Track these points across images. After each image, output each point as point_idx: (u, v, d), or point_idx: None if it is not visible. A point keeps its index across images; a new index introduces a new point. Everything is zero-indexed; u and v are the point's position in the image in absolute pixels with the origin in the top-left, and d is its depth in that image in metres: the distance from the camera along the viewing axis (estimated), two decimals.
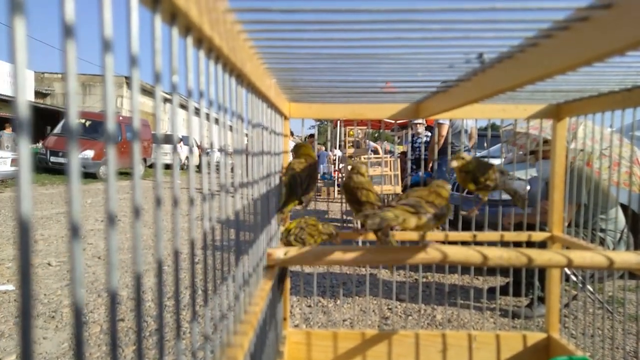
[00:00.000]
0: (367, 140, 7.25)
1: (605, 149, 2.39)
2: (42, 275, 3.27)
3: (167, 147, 13.04)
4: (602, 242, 2.72)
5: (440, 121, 3.94)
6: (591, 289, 2.49)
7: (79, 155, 0.27)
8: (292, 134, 10.47)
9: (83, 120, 12.72)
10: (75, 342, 0.29)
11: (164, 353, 0.43)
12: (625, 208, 2.99)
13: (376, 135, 7.57)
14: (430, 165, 4.88)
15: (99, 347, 2.19)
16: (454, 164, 1.31)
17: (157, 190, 0.41)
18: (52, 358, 2.07)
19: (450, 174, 4.65)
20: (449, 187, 1.10)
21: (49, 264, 3.53)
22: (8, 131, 11.97)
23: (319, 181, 11.05)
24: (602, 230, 2.74)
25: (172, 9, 0.41)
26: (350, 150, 6.74)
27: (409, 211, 0.96)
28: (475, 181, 1.30)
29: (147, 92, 17.85)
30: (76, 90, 0.29)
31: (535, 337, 1.58)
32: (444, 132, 4.09)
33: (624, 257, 1.04)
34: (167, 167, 12.31)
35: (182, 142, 13.10)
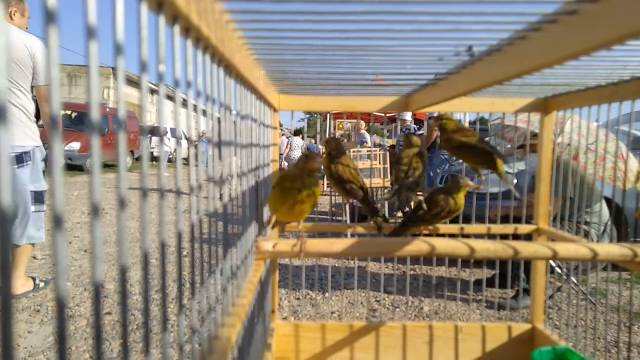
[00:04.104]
0: (362, 132, 7.24)
1: (592, 143, 2.42)
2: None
3: (155, 140, 12.90)
4: (587, 235, 2.77)
5: (435, 114, 3.96)
6: (575, 281, 2.53)
7: (65, 147, 0.27)
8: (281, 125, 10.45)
9: (69, 112, 12.49)
10: (58, 335, 0.29)
11: (151, 346, 0.43)
12: (609, 201, 3.04)
13: (366, 128, 7.58)
14: None
15: (85, 341, 2.17)
16: (431, 122, 1.43)
17: (144, 182, 0.40)
18: (37, 352, 2.05)
19: (440, 167, 4.68)
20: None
21: (34, 257, 3.48)
22: None
23: None
24: (586, 223, 2.79)
25: None
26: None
27: None
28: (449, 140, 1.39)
29: (134, 83, 17.61)
30: (60, 79, 0.29)
31: (520, 328, 1.60)
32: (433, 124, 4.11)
33: (607, 249, 1.05)
34: (156, 159, 12.17)
35: (168, 134, 12.94)
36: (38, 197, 2.64)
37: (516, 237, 1.56)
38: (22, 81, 2.50)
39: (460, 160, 1.48)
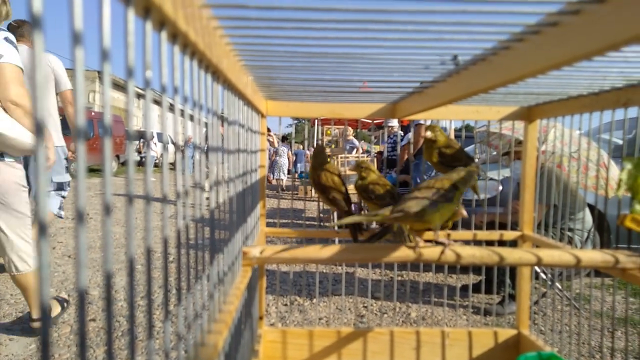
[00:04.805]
0: (351, 138, 7.28)
1: (575, 151, 2.47)
2: (8, 275, 3.16)
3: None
4: (571, 241, 2.81)
5: (421, 122, 3.98)
6: (559, 287, 2.57)
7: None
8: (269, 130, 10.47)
9: None
10: (41, 343, 0.29)
11: (136, 353, 0.42)
12: (592, 208, 3.10)
13: (353, 134, 7.62)
14: (402, 164, 4.94)
15: (69, 348, 2.13)
16: (428, 134, 1.43)
17: (129, 187, 0.40)
18: None
19: (426, 173, 4.72)
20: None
21: None
22: None
23: (297, 180, 11.04)
24: (570, 230, 2.83)
25: (146, 2, 0.40)
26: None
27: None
28: (440, 154, 1.43)
29: (120, 87, 17.45)
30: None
31: (506, 333, 1.62)
32: (424, 133, 4.13)
33: (590, 256, 1.07)
34: (142, 164, 12.06)
35: (155, 139, 12.83)
36: (60, 186, 3.08)
37: (502, 243, 1.58)
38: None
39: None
